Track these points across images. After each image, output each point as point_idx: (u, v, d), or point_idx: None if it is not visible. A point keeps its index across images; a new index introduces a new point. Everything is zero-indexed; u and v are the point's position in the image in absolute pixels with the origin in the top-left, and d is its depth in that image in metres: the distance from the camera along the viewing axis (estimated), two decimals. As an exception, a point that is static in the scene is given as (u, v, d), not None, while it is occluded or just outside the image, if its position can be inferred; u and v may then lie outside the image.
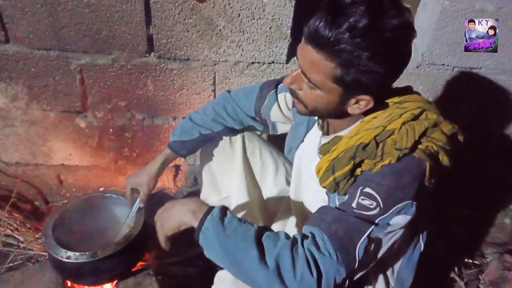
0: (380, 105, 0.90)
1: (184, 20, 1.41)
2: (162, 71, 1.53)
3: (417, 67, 1.60)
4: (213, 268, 1.47)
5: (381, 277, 1.01)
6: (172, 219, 0.90)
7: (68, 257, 1.16)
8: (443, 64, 1.59)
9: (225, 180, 1.35)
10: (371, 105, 0.85)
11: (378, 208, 0.81)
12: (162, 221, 0.92)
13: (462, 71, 1.61)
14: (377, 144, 0.84)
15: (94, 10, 1.38)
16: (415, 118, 0.85)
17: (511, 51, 1.54)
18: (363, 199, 0.82)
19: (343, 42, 0.74)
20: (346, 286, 0.81)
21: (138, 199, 1.30)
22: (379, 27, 0.74)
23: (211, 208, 0.86)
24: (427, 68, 1.60)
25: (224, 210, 0.86)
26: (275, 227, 1.29)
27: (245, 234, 0.81)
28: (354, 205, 0.83)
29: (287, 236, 0.83)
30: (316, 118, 1.07)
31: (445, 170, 0.87)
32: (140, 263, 1.39)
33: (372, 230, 0.80)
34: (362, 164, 0.86)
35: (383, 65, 0.77)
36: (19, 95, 1.57)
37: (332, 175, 0.88)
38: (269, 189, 1.33)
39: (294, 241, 0.81)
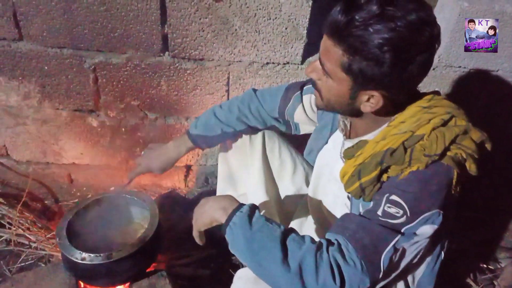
0: (407, 109, 0.88)
1: (200, 19, 1.39)
2: (176, 70, 1.51)
3: (434, 69, 1.58)
4: (225, 270, 1.47)
5: (401, 284, 0.99)
6: (204, 215, 0.91)
7: (83, 259, 1.15)
8: (460, 66, 1.57)
9: (243, 176, 1.34)
10: (380, 104, 0.83)
11: (405, 216, 0.79)
12: (196, 217, 0.94)
13: (479, 73, 1.59)
14: (405, 150, 0.82)
15: (109, 9, 1.37)
16: (445, 124, 0.84)
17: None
18: (389, 207, 0.80)
19: (351, 28, 0.75)
20: None
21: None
22: (389, 15, 0.73)
23: (241, 205, 0.88)
24: (443, 70, 1.58)
25: (253, 208, 0.87)
26: (292, 226, 1.27)
27: (271, 234, 0.81)
28: (379, 212, 0.81)
29: (312, 240, 0.82)
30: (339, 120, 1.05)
31: (471, 179, 0.85)
32: (154, 264, 1.38)
33: (398, 239, 0.78)
34: (389, 170, 0.84)
35: (389, 56, 0.74)
36: (31, 94, 1.56)
37: (358, 180, 0.86)
38: (287, 188, 1.32)
39: (319, 246, 0.80)
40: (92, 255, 1.16)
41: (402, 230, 0.79)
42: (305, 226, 1.28)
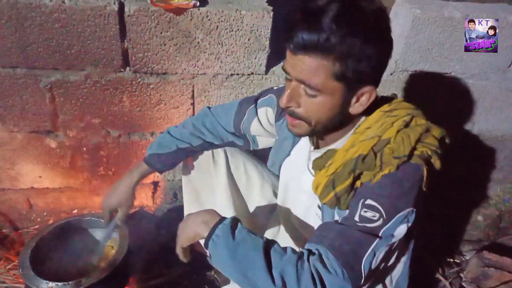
0: (370, 114, 0.91)
1: (161, 33, 1.37)
2: (138, 86, 1.48)
3: (391, 74, 1.64)
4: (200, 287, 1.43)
5: (379, 287, 1.01)
6: (187, 230, 0.90)
7: (50, 289, 1.09)
8: (416, 70, 1.65)
9: (209, 197, 1.32)
10: (373, 97, 0.85)
11: (381, 219, 0.80)
12: (179, 233, 0.92)
13: (434, 76, 1.67)
14: (375, 155, 0.84)
15: (64, 25, 1.31)
16: (407, 125, 0.87)
17: (477, 57, 1.62)
18: (365, 211, 0.81)
19: (332, 38, 0.76)
20: None
21: (113, 222, 1.26)
22: (360, 11, 0.77)
23: (223, 218, 0.87)
24: (400, 74, 1.65)
25: (235, 220, 0.87)
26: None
27: (254, 244, 0.81)
28: (356, 218, 0.82)
29: (293, 251, 0.82)
30: None
31: (436, 174, 0.89)
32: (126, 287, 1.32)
33: (376, 243, 0.80)
34: (361, 176, 0.85)
35: (376, 46, 0.79)
36: (-18, 117, 1.47)
37: (333, 190, 0.87)
38: (257, 202, 1.32)
39: (300, 256, 0.80)
40: (59, 284, 1.09)
41: (380, 234, 0.81)
42: (279, 238, 1.28)
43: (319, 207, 0.99)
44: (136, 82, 1.47)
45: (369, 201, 0.82)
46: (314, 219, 1.04)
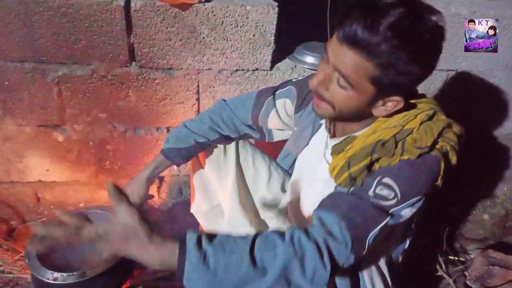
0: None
1: (167, 28, 1.38)
2: (144, 81, 1.49)
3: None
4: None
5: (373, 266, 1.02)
6: (146, 257, 0.70)
7: (55, 279, 1.10)
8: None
9: (217, 188, 1.33)
10: (400, 105, 0.85)
11: (395, 199, 0.81)
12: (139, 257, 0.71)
13: (440, 74, 1.66)
14: (396, 143, 0.85)
15: (72, 20, 1.33)
16: (430, 118, 0.88)
17: (484, 54, 1.60)
18: (381, 189, 0.82)
19: (384, 45, 0.75)
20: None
21: None
22: (419, 28, 0.75)
23: (182, 251, 0.68)
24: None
25: (199, 245, 0.69)
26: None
27: (238, 263, 0.70)
28: (370, 193, 0.82)
29: (280, 235, 0.75)
30: (322, 121, 1.07)
31: (452, 170, 0.89)
32: (130, 280, 1.34)
33: (387, 221, 0.80)
34: (380, 161, 0.86)
35: (421, 66, 0.78)
36: (-9, 110, 1.50)
37: (348, 170, 0.87)
38: (263, 196, 1.32)
39: (292, 238, 0.74)
40: (64, 274, 1.11)
41: (390, 211, 0.81)
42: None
43: None
44: (142, 77, 1.48)
45: (386, 179, 0.82)
46: None
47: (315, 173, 1.06)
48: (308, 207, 1.12)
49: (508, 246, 1.71)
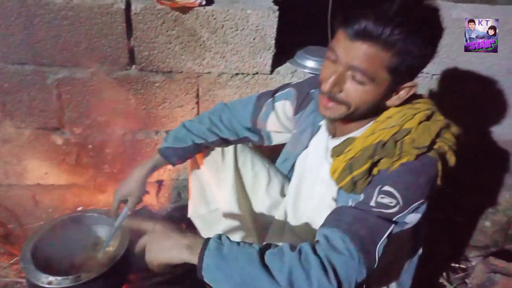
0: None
1: (167, 31, 1.38)
2: (143, 84, 1.49)
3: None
4: (200, 286, 1.43)
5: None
6: (165, 254, 0.81)
7: (50, 282, 1.10)
8: (423, 72, 1.63)
9: (215, 192, 1.32)
10: (413, 90, 0.87)
11: (398, 206, 0.81)
12: (154, 255, 0.82)
13: (442, 79, 1.66)
14: (395, 143, 0.85)
15: (72, 23, 1.33)
16: (428, 118, 0.88)
17: (486, 59, 1.60)
18: (382, 197, 0.82)
19: (397, 31, 0.76)
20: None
21: (125, 210, 1.23)
22: (422, 8, 0.79)
23: (206, 241, 0.78)
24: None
25: (219, 239, 0.80)
26: (271, 238, 1.25)
27: (248, 259, 0.76)
28: (372, 203, 0.82)
29: (292, 247, 0.79)
30: (322, 123, 1.07)
31: (449, 171, 0.89)
32: (125, 285, 1.32)
33: (392, 229, 0.80)
34: (379, 163, 0.86)
35: (433, 46, 0.82)
36: (-10, 112, 1.49)
37: (350, 174, 0.87)
38: (262, 200, 1.31)
39: (300, 251, 0.77)
40: (59, 278, 1.10)
41: (394, 219, 0.81)
42: (284, 237, 1.26)
43: (334, 199, 0.99)
44: (141, 80, 1.48)
45: (386, 188, 0.82)
46: (327, 211, 1.02)
47: (318, 174, 1.05)
48: (311, 208, 1.11)
49: (510, 254, 1.70)
